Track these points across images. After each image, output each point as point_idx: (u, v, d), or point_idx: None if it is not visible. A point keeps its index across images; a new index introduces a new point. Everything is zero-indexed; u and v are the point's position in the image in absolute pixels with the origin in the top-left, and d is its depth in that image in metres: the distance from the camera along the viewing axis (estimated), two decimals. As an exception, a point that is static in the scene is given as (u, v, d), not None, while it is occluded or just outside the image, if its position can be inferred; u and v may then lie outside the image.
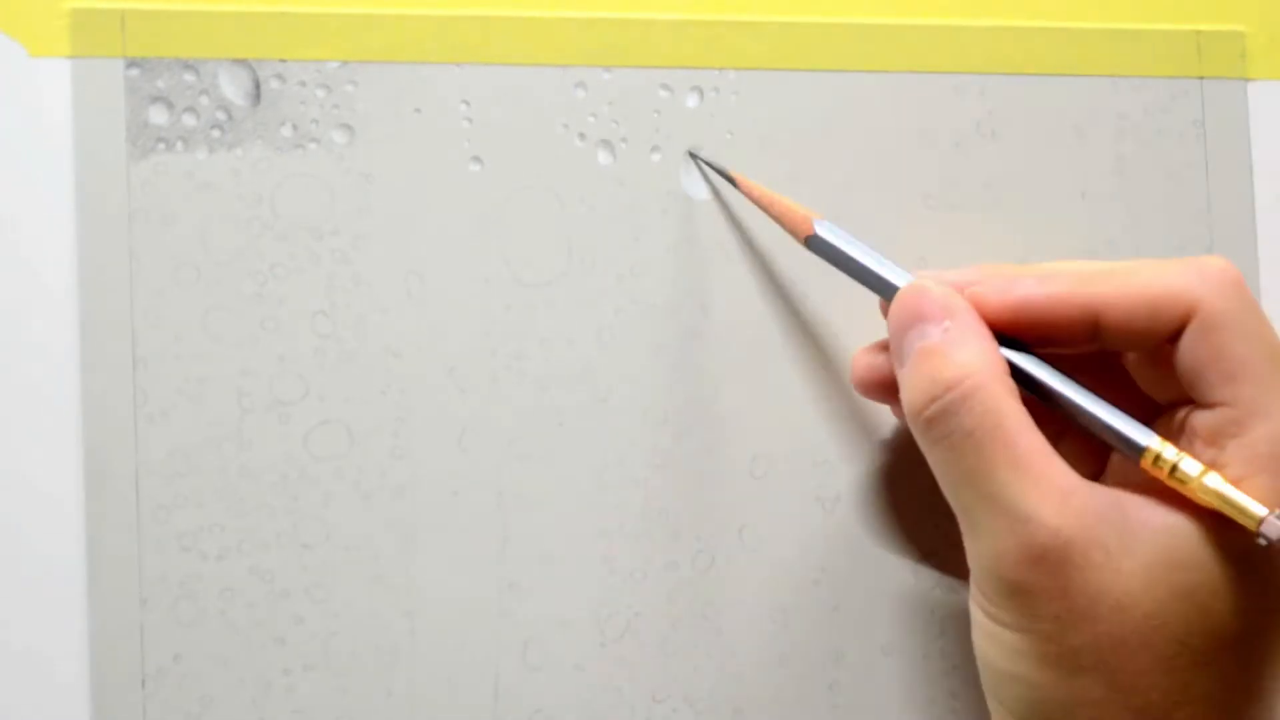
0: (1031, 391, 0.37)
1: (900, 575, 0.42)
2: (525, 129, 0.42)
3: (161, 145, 0.40)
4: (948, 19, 0.44)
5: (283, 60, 0.41)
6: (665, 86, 0.42)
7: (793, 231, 0.40)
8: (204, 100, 0.40)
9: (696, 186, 0.42)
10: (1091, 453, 0.38)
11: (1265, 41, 0.45)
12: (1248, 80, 0.45)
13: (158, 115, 0.40)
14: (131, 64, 0.40)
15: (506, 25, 0.42)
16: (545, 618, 0.41)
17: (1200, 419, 0.36)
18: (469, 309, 0.41)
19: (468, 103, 0.41)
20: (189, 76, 0.40)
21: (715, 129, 0.42)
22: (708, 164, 0.42)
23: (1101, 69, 0.44)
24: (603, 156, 0.42)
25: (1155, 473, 0.35)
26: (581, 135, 0.42)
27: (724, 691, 0.42)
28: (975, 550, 0.36)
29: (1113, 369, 0.38)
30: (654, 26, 0.42)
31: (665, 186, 0.42)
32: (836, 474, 0.42)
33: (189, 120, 0.40)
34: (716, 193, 0.42)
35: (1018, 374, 0.37)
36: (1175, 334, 0.36)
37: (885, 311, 0.39)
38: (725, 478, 0.42)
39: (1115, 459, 0.38)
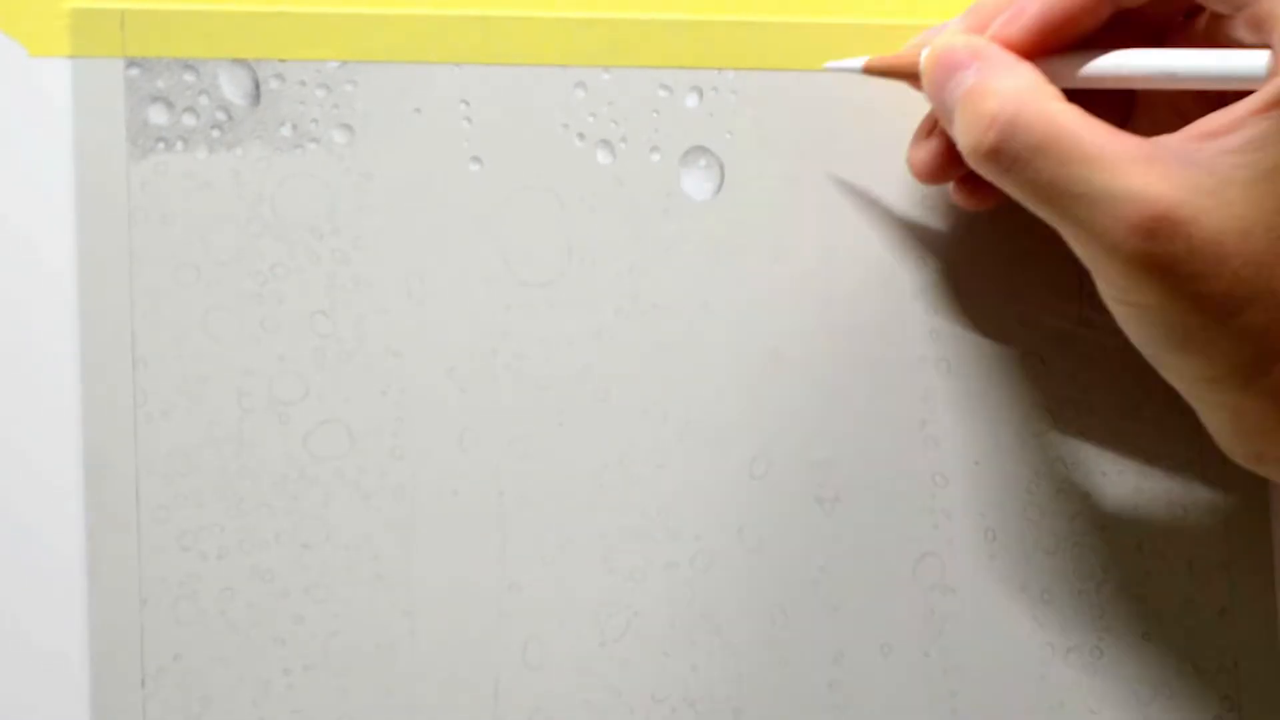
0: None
1: (900, 575, 0.42)
2: (525, 129, 0.42)
3: (161, 145, 0.40)
4: (947, 19, 0.44)
5: (282, 60, 0.41)
6: (665, 86, 0.42)
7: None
8: (204, 100, 0.40)
9: (696, 186, 0.42)
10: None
11: (1264, 42, 0.45)
12: (1246, 81, 0.45)
13: (158, 115, 0.40)
14: (131, 64, 0.40)
15: (506, 25, 0.42)
16: (545, 617, 0.41)
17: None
18: (469, 309, 0.41)
19: (467, 103, 0.41)
20: (189, 76, 0.40)
21: (715, 129, 0.42)
22: (837, 68, 0.42)
23: (1100, 69, 0.44)
24: (602, 156, 0.42)
25: None
26: (581, 135, 0.42)
27: (724, 691, 0.42)
28: (1091, 250, 0.36)
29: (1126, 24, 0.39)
30: (654, 26, 0.42)
31: (665, 186, 0.42)
32: (836, 474, 0.42)
33: (189, 120, 0.40)
34: (718, 192, 0.42)
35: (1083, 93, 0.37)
36: None
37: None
38: (725, 478, 0.42)
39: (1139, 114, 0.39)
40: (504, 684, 0.41)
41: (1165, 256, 0.35)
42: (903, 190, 0.43)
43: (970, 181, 0.41)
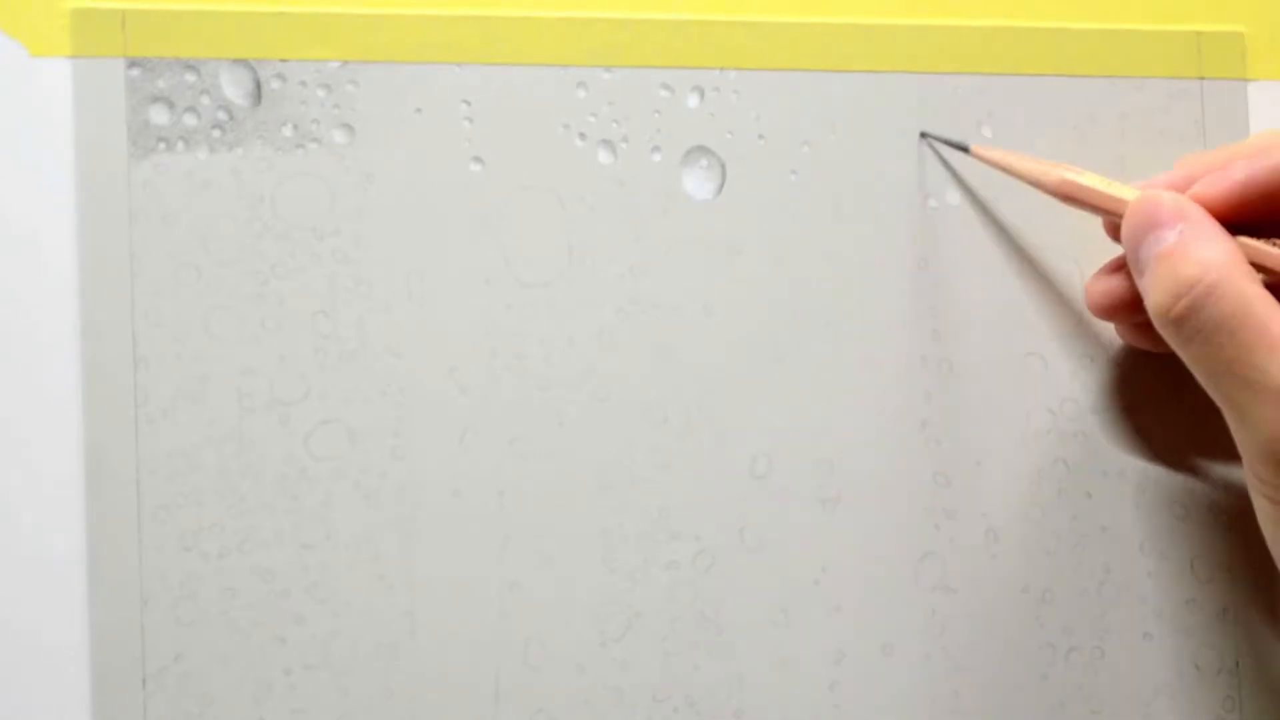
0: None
1: (900, 575, 0.42)
2: (526, 129, 0.42)
3: (162, 145, 0.40)
4: (948, 19, 0.44)
5: (283, 60, 0.41)
6: (666, 86, 0.42)
7: (1042, 185, 0.40)
8: (205, 100, 0.40)
9: (698, 186, 0.42)
10: None
11: (1265, 41, 0.45)
12: (1248, 80, 0.45)
13: (159, 115, 0.40)
14: (132, 64, 0.40)
15: (507, 25, 0.42)
16: (546, 617, 0.41)
17: None
18: (469, 309, 0.41)
19: (468, 103, 0.41)
20: (190, 76, 0.40)
21: (716, 129, 0.42)
22: (941, 140, 0.42)
23: (1101, 69, 0.44)
24: (603, 156, 0.42)
25: None
26: (582, 135, 0.42)
27: (724, 691, 0.42)
28: (1246, 437, 0.36)
29: None
30: (654, 26, 0.42)
31: (665, 186, 0.42)
32: (836, 474, 0.42)
33: (190, 120, 0.40)
34: (719, 193, 0.42)
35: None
36: None
37: (1110, 232, 0.40)
38: (725, 478, 0.42)
39: None
40: (504, 684, 0.41)
41: None
42: (904, 190, 0.43)
43: (1146, 327, 0.40)
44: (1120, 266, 0.41)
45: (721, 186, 0.42)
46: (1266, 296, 0.36)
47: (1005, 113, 0.43)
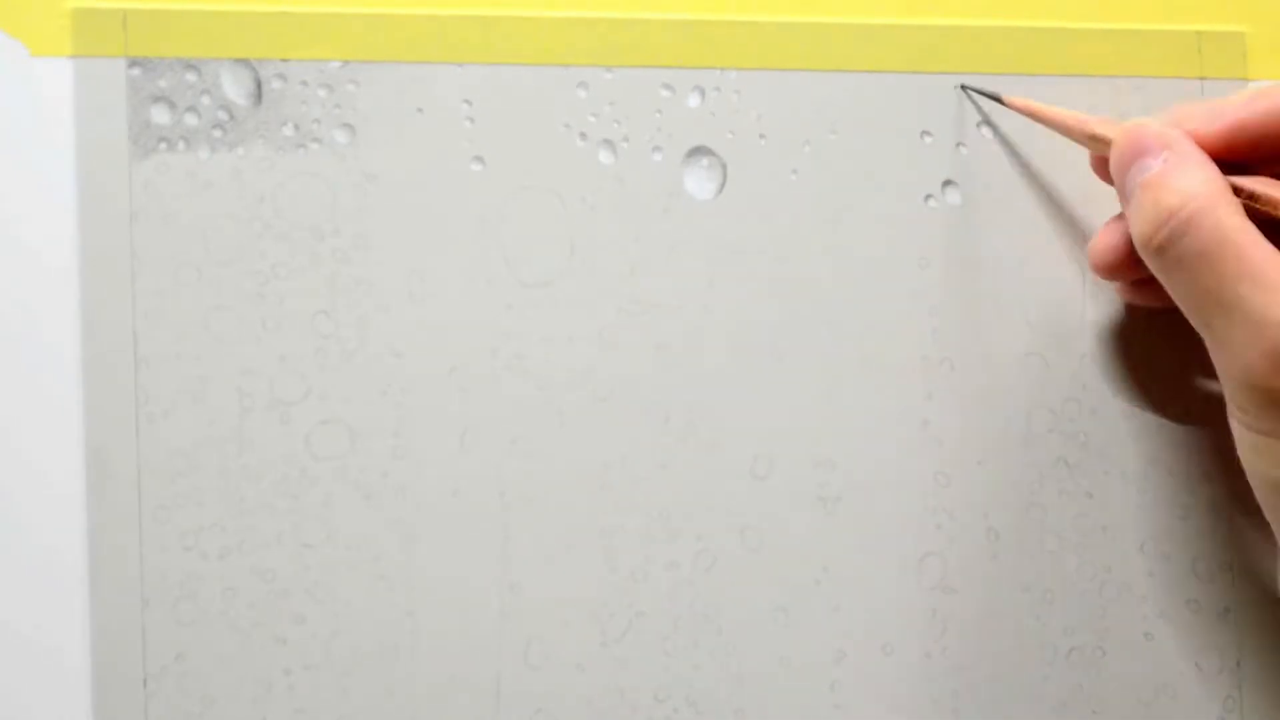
0: (1260, 212, 0.37)
1: (900, 575, 0.42)
2: (527, 129, 0.42)
3: (163, 145, 0.40)
4: (948, 19, 0.44)
5: (284, 60, 0.41)
6: (667, 86, 0.42)
7: (1075, 134, 0.41)
8: (206, 100, 0.40)
9: (698, 186, 0.42)
10: None
11: (1265, 41, 0.45)
12: (1248, 80, 0.45)
13: (159, 115, 0.40)
14: (133, 63, 0.40)
15: (508, 25, 0.42)
16: (546, 617, 0.41)
17: None
18: (469, 309, 0.41)
19: (469, 102, 0.41)
20: (191, 76, 0.40)
21: (717, 128, 0.42)
22: (978, 91, 0.43)
23: (1101, 69, 0.44)
24: (604, 156, 0.42)
25: None
26: (583, 135, 0.42)
27: (725, 691, 0.42)
28: (1225, 365, 0.36)
29: None
30: (655, 26, 0.42)
31: (666, 186, 0.42)
32: (836, 474, 0.42)
33: (191, 120, 0.40)
34: (720, 193, 0.42)
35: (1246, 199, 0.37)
36: None
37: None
38: (726, 478, 0.42)
39: None
40: (505, 684, 0.41)
41: None
42: (904, 189, 0.43)
43: (1143, 284, 0.40)
44: (1120, 220, 0.41)
45: (722, 186, 0.42)
46: (1247, 226, 0.36)
47: (1006, 112, 0.43)
